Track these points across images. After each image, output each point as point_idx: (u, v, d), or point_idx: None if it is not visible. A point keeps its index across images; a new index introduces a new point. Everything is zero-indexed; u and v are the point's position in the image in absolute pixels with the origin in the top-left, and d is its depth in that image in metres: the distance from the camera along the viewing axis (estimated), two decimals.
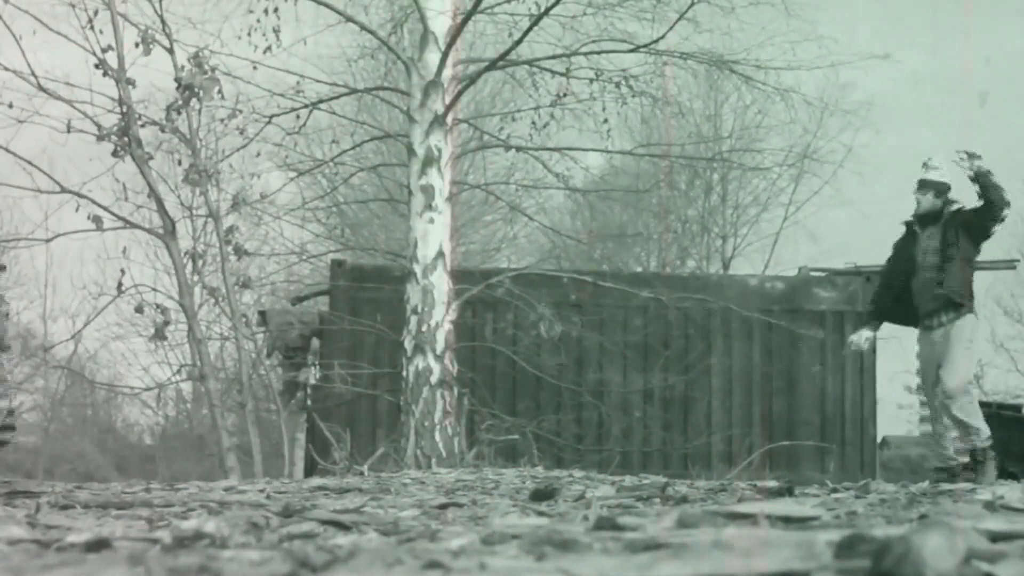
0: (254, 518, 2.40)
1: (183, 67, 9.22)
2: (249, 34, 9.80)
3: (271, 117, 10.07)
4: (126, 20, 9.39)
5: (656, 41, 9.74)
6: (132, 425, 25.90)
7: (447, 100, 9.19)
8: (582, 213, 19.28)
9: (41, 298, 23.57)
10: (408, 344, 8.87)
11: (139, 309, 10.05)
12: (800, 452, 11.34)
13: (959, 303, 6.72)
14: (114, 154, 9.27)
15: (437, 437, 8.61)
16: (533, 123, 10.95)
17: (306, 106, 10.12)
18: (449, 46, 9.11)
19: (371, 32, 10.33)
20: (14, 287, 23.08)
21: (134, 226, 10.36)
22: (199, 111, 9.52)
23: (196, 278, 10.07)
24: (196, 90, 9.12)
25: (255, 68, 9.84)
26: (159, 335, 9.85)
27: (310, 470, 10.00)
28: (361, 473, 7.36)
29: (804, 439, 11.17)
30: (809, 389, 11.64)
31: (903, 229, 7.17)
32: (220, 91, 9.41)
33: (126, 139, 9.15)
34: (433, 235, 9.03)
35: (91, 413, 24.87)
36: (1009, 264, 13.74)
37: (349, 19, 10.11)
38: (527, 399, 11.03)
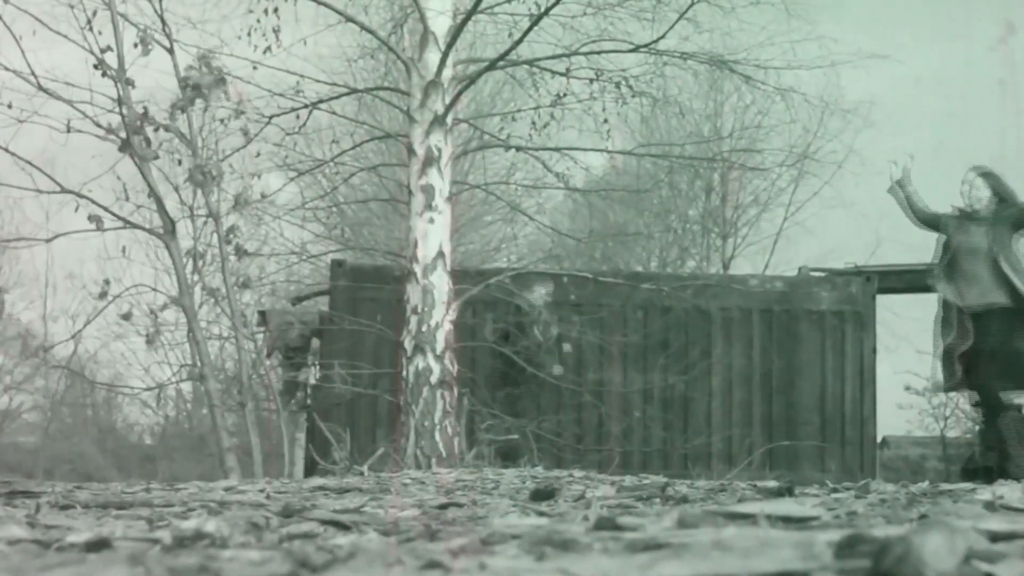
0: (254, 518, 2.40)
1: (190, 66, 9.23)
2: (249, 34, 9.80)
3: (271, 117, 10.07)
4: (126, 20, 9.39)
5: (656, 41, 9.74)
6: (132, 425, 25.93)
7: (447, 100, 9.19)
8: (582, 213, 19.29)
9: (41, 298, 23.60)
10: (408, 344, 8.87)
11: (126, 316, 10.04)
12: (800, 452, 11.34)
13: None
14: (121, 149, 9.26)
15: (437, 437, 8.61)
16: (533, 123, 10.96)
17: (306, 106, 10.12)
18: (449, 46, 9.11)
19: (371, 32, 10.33)
20: (14, 287, 23.09)
21: (134, 226, 10.36)
22: (204, 111, 9.53)
23: (196, 278, 10.07)
24: (203, 90, 9.12)
25: (255, 68, 9.85)
26: (153, 341, 9.85)
27: (310, 470, 10.00)
28: (361, 473, 7.36)
29: (804, 439, 11.18)
30: (809, 389, 11.64)
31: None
32: (226, 92, 9.42)
33: (130, 137, 9.15)
34: (433, 235, 9.03)
35: (91, 413, 24.87)
36: None
37: (349, 19, 10.11)
38: (527, 399, 11.02)
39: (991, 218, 6.91)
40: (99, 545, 1.81)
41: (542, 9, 9.13)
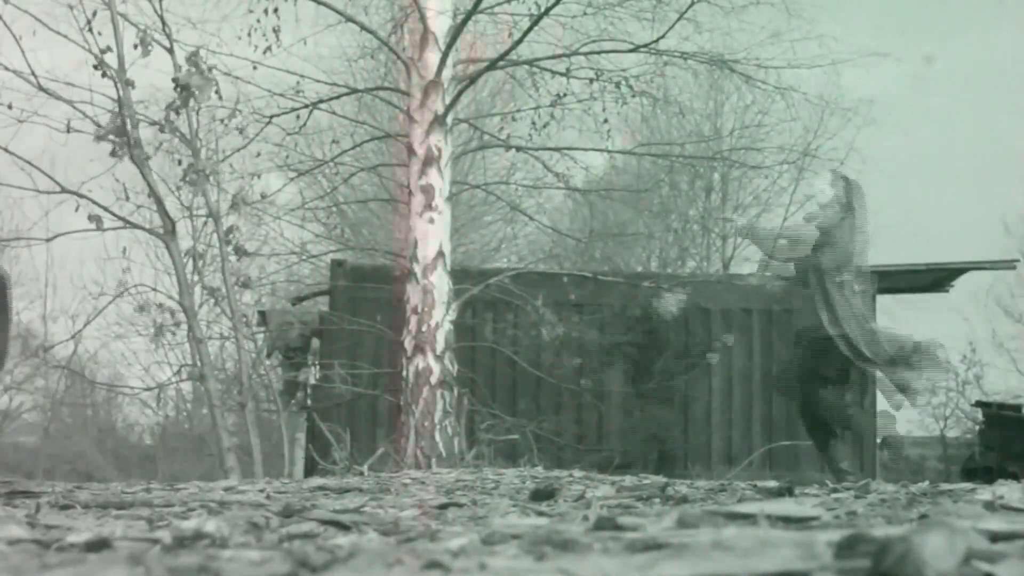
0: (254, 518, 2.40)
1: (180, 67, 9.22)
2: (249, 34, 9.80)
3: (271, 117, 10.07)
4: (126, 20, 9.39)
5: (656, 41, 9.75)
6: (132, 425, 25.91)
7: (447, 100, 9.19)
8: (582, 213, 19.28)
9: (41, 298, 23.58)
10: (408, 344, 8.87)
11: (141, 308, 10.03)
12: (800, 452, 11.33)
13: None
14: (112, 154, 9.26)
15: (437, 437, 8.61)
16: (533, 123, 10.95)
17: (306, 106, 10.12)
18: (449, 46, 9.11)
19: (371, 32, 10.33)
20: (14, 287, 23.08)
21: (134, 226, 10.35)
22: (198, 111, 9.51)
23: (196, 278, 10.06)
24: (193, 90, 9.11)
25: (255, 68, 9.84)
26: (160, 333, 9.84)
27: (310, 470, 10.00)
28: (361, 473, 7.36)
29: (804, 439, 11.17)
30: None
31: None
32: (217, 91, 9.40)
33: (124, 139, 9.14)
34: (433, 235, 9.03)
35: (91, 413, 24.86)
36: (1009, 264, 13.75)
37: (349, 19, 10.11)
38: (527, 399, 11.02)
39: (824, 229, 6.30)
40: (99, 545, 1.81)
41: (542, 9, 9.13)
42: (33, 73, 9.16)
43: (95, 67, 9.22)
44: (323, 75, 12.05)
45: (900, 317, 16.99)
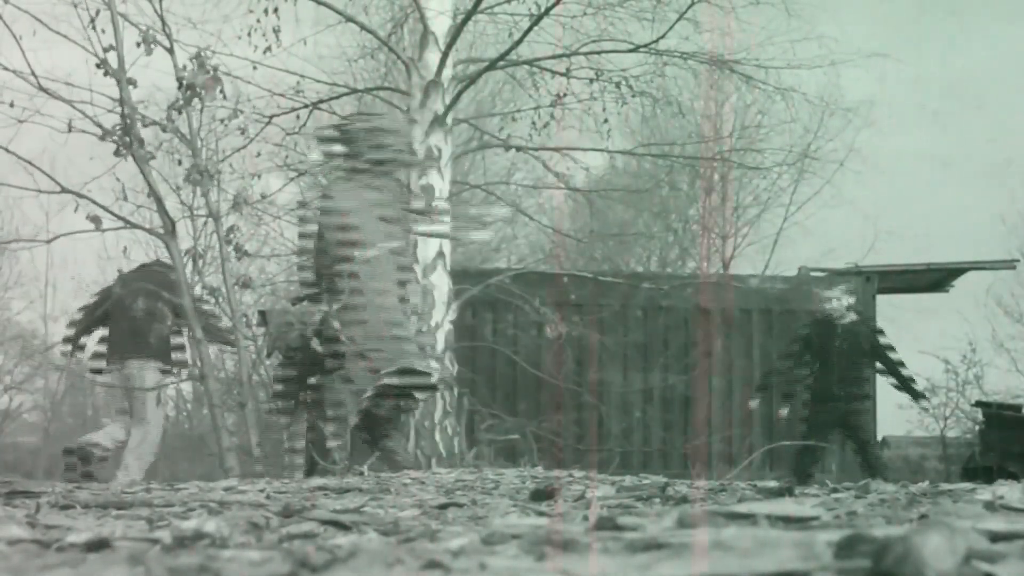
0: (254, 518, 2.40)
1: (184, 67, 9.22)
2: (249, 34, 9.81)
3: (271, 117, 10.07)
4: (126, 20, 9.38)
5: (656, 41, 9.76)
6: None
7: (447, 100, 9.20)
8: (582, 213, 19.29)
9: (41, 298, 23.57)
10: None
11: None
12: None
13: None
14: (116, 153, 9.25)
15: (437, 437, 8.62)
16: (533, 123, 10.97)
17: (306, 106, 10.12)
18: (449, 46, 9.11)
19: (371, 32, 10.34)
20: (14, 287, 23.10)
21: (134, 226, 10.34)
22: (200, 111, 9.51)
23: (196, 278, 10.05)
24: (198, 90, 9.11)
25: (255, 68, 9.85)
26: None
27: (310, 470, 9.99)
28: (361, 473, 7.36)
29: (804, 439, 11.18)
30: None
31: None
32: (222, 91, 9.41)
33: (128, 139, 9.13)
34: None
35: (91, 413, 24.85)
36: (1009, 264, 13.76)
37: (349, 19, 10.11)
38: (527, 399, 11.02)
39: None
40: (99, 545, 1.81)
41: (542, 9, 9.13)
42: (33, 73, 9.16)
43: (97, 66, 9.22)
44: (323, 75, 12.08)
45: (901, 317, 17.01)
